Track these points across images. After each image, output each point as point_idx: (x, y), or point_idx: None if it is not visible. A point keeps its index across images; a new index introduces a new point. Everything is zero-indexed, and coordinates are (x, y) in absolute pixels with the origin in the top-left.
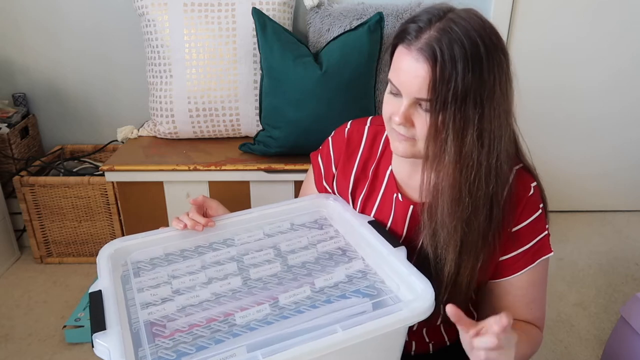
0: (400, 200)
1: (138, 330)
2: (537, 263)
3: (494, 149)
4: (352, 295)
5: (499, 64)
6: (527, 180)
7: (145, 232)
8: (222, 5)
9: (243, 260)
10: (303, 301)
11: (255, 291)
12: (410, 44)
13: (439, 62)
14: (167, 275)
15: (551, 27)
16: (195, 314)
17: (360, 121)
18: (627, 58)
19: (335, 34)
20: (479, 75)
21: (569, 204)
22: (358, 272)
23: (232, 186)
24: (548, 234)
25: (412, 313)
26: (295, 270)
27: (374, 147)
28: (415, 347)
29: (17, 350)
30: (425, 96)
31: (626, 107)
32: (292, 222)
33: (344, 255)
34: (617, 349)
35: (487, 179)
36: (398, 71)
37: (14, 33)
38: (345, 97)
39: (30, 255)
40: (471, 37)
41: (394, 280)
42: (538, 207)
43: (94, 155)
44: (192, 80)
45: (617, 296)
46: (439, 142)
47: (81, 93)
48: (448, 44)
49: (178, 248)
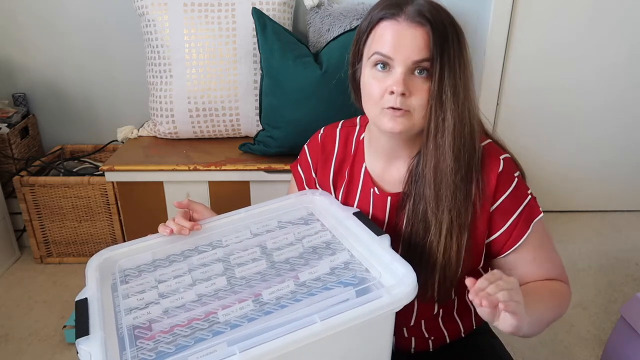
0: (377, 193)
1: (123, 332)
2: (531, 228)
3: (473, 106)
4: (334, 286)
5: (463, 32)
6: (496, 153)
7: (133, 239)
8: (222, 5)
9: (229, 261)
10: (286, 295)
11: (239, 289)
12: (396, 16)
13: (435, 23)
14: (153, 279)
15: (551, 26)
16: (179, 315)
17: (332, 126)
18: (627, 58)
19: (335, 34)
20: (460, 40)
21: (569, 204)
22: (342, 264)
23: (232, 186)
24: (533, 197)
25: (394, 298)
26: (279, 266)
27: (347, 148)
28: (415, 344)
29: (17, 350)
30: (425, 56)
31: (627, 107)
32: (280, 220)
33: (328, 248)
34: (617, 349)
35: (471, 141)
36: (389, 41)
37: (14, 33)
38: (345, 97)
39: (30, 255)
40: (443, 8)
41: (377, 268)
42: (512, 178)
43: (94, 155)
44: (192, 80)
45: (617, 296)
46: (440, 103)
47: (81, 93)
48: (434, 10)
49: (165, 254)
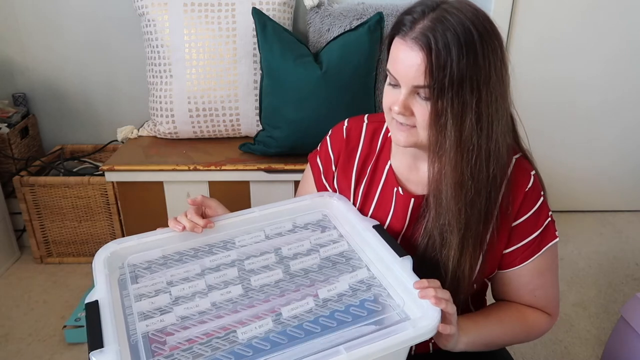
0: (401, 193)
1: (136, 343)
2: (543, 251)
3: (493, 132)
4: (356, 311)
5: (493, 49)
6: (526, 169)
7: (142, 233)
8: (222, 5)
9: (244, 266)
10: (305, 315)
11: (256, 302)
12: (405, 34)
13: (434, 49)
14: (165, 281)
15: (552, 20)
16: (194, 327)
17: (358, 119)
18: (629, 55)
19: (335, 34)
20: (473, 60)
21: (569, 204)
22: (362, 283)
23: (232, 186)
24: (552, 220)
25: (418, 332)
26: (297, 280)
27: (373, 143)
28: (415, 348)
29: (17, 350)
30: (422, 83)
31: (627, 107)
32: (294, 223)
33: (347, 263)
34: (617, 349)
35: (487, 162)
36: (395, 62)
37: (14, 33)
38: (345, 97)
39: (30, 255)
40: (464, 24)
41: (399, 293)
42: (538, 197)
43: (94, 155)
44: (192, 80)
45: (617, 296)
46: (439, 127)
47: (81, 93)
48: (442, 33)
49: (176, 251)
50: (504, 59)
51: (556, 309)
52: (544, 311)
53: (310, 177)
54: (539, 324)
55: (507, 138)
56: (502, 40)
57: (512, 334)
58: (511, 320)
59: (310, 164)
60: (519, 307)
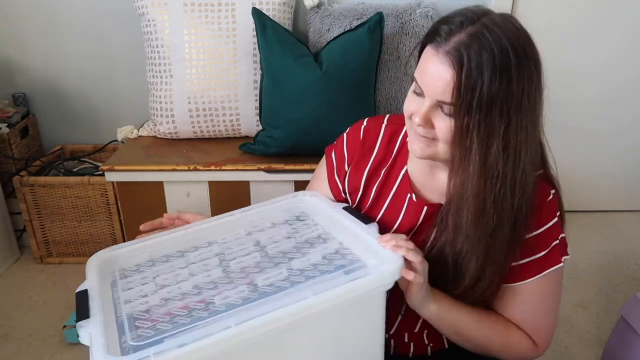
0: (414, 200)
1: (122, 321)
2: (544, 274)
3: (520, 160)
4: (326, 270)
5: (529, 75)
6: (547, 186)
7: (131, 240)
8: (222, 5)
9: (224, 254)
10: (281, 282)
11: (235, 280)
12: (439, 45)
13: (465, 68)
14: (151, 274)
15: (554, 9)
16: (176, 302)
17: (377, 119)
18: (631, 52)
19: (335, 34)
20: (506, 85)
21: (569, 204)
22: (333, 251)
23: (232, 186)
24: (561, 243)
25: (381, 275)
26: (274, 259)
27: (390, 146)
28: (413, 349)
29: (17, 350)
30: (448, 100)
31: (628, 107)
32: (273, 221)
33: (319, 238)
34: (617, 349)
35: (512, 191)
36: (423, 72)
37: (14, 33)
38: (345, 97)
39: (30, 255)
40: (502, 45)
41: (366, 253)
42: (555, 213)
43: (94, 155)
44: (192, 80)
45: (617, 296)
46: (463, 148)
47: (81, 93)
48: (477, 51)
49: (163, 253)
50: (540, 85)
51: (544, 341)
52: (532, 338)
53: (323, 170)
54: (521, 347)
55: (535, 165)
56: (540, 65)
57: (485, 338)
58: (490, 325)
59: (325, 156)
60: (507, 322)
